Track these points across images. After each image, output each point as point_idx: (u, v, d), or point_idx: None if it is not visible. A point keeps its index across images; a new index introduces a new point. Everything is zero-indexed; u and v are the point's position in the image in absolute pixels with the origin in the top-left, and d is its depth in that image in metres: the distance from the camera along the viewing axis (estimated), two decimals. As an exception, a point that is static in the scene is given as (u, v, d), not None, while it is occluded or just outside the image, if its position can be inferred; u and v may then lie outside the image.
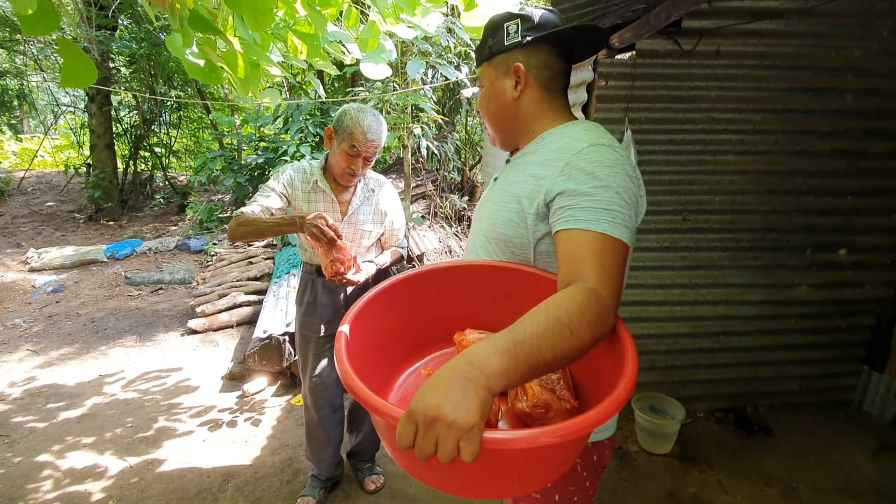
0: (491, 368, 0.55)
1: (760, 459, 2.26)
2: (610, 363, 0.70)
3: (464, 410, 0.51)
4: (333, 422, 1.96)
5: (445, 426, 0.51)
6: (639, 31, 1.78)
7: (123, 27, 7.60)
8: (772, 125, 2.27)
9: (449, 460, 0.51)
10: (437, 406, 0.51)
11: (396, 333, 0.91)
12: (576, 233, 0.76)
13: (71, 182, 8.83)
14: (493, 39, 0.94)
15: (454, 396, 0.52)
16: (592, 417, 0.55)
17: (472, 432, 0.51)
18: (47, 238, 6.68)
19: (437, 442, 0.51)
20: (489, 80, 0.97)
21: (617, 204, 0.76)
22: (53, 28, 1.13)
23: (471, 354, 0.57)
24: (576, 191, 0.78)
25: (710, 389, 2.57)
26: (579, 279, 0.71)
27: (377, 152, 1.68)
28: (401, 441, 0.53)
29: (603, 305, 0.67)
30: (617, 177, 0.79)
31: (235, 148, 7.08)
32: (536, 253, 0.89)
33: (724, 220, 2.36)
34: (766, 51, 2.18)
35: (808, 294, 2.48)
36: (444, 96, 7.05)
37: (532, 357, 0.58)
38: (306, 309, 1.87)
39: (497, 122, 0.99)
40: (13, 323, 4.07)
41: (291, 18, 1.70)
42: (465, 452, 0.51)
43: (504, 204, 0.92)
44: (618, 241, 0.75)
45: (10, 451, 2.39)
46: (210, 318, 3.86)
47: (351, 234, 1.79)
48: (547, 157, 0.86)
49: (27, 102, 10.51)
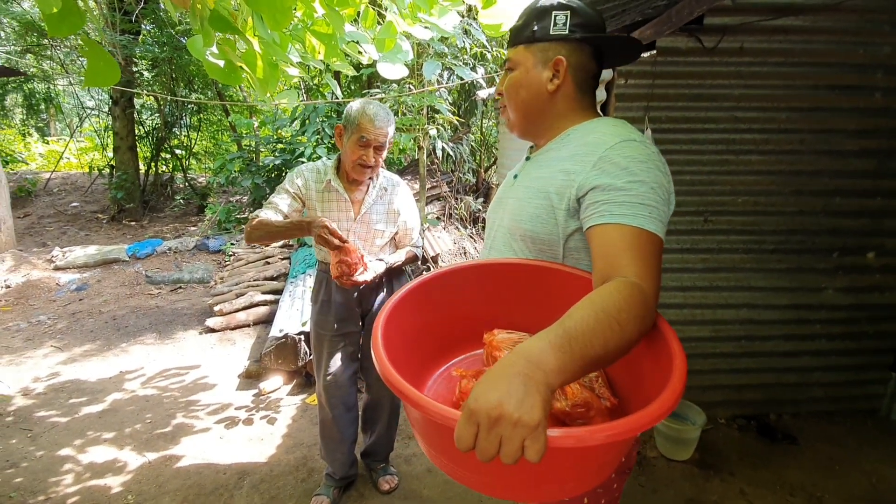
0: (549, 364, 0.54)
1: (784, 468, 2.19)
2: (650, 359, 0.68)
3: (528, 408, 0.49)
4: (347, 420, 1.96)
5: (510, 425, 0.48)
6: (660, 27, 1.75)
7: (146, 32, 7.78)
8: (797, 124, 2.21)
9: (513, 461, 0.49)
10: (499, 404, 0.49)
11: (425, 333, 0.88)
12: (612, 227, 0.75)
13: (95, 183, 9.06)
14: (539, 24, 0.90)
15: (517, 394, 0.49)
16: (654, 412, 0.53)
17: (538, 431, 0.48)
18: (72, 237, 6.86)
19: (501, 442, 0.49)
20: (524, 65, 0.93)
21: (652, 199, 0.76)
22: (78, 28, 1.15)
23: (526, 350, 0.55)
24: (610, 185, 0.77)
25: (732, 395, 2.51)
26: (619, 274, 0.70)
27: (387, 142, 1.69)
28: (461, 443, 0.50)
29: (646, 299, 0.67)
30: (651, 172, 0.78)
31: (253, 149, 7.17)
32: (566, 249, 0.88)
33: (747, 222, 2.30)
34: (792, 47, 2.12)
35: (835, 298, 2.41)
36: (459, 98, 7.05)
37: (586, 352, 0.57)
38: (321, 307, 1.88)
39: (524, 111, 0.96)
40: (38, 320, 4.18)
41: (310, 19, 1.71)
42: (531, 452, 0.48)
43: (530, 200, 0.90)
44: (654, 235, 0.75)
45: (32, 445, 2.45)
46: (227, 317, 3.91)
47: (363, 234, 1.79)
48: (576, 152, 0.85)
49: (54, 106, 10.84)
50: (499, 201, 1.06)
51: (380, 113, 1.65)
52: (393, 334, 0.77)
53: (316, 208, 1.77)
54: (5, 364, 3.38)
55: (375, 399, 2.02)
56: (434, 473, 2.20)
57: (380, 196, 1.81)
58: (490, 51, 5.02)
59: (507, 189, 1.04)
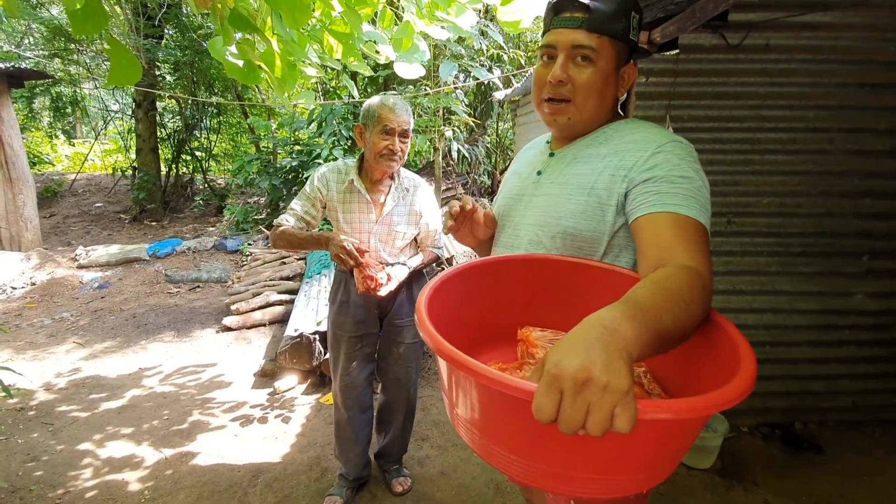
0: (626, 332, 0.50)
1: (810, 479, 2.12)
2: (706, 354, 0.66)
3: (616, 372, 0.45)
4: (362, 422, 1.95)
5: (599, 389, 0.44)
6: (683, 24, 1.71)
7: (169, 36, 7.95)
8: (826, 123, 2.14)
9: (602, 431, 0.44)
10: (584, 367, 0.45)
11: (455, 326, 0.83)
12: (665, 216, 0.76)
13: (118, 184, 9.28)
14: (625, 21, 0.85)
15: (601, 358, 0.45)
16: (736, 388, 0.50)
17: (629, 396, 0.45)
18: (95, 237, 7.02)
19: (590, 410, 0.45)
20: (608, 63, 0.86)
21: (701, 195, 0.79)
22: (102, 27, 1.17)
23: (599, 319, 0.51)
24: (663, 178, 0.80)
25: (756, 403, 2.43)
26: (675, 260, 0.70)
27: (409, 130, 1.70)
28: (541, 413, 0.46)
29: (706, 284, 0.67)
30: (699, 172, 0.82)
31: (271, 151, 7.26)
32: (609, 246, 0.87)
33: (772, 224, 2.24)
34: (820, 44, 2.06)
35: (865, 304, 2.32)
36: (475, 100, 7.04)
37: (657, 325, 0.54)
38: (339, 308, 1.86)
39: (599, 112, 0.91)
40: (62, 317, 4.27)
41: (328, 18, 1.72)
42: (622, 420, 0.44)
43: (570, 196, 0.89)
44: (704, 227, 0.77)
45: (53, 439, 2.49)
46: (244, 316, 3.95)
47: (384, 236, 1.78)
48: (620, 149, 0.86)
49: (80, 109, 11.13)
50: (516, 198, 1.02)
51: (398, 102, 1.69)
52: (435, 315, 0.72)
53: (337, 209, 1.76)
54: (29, 359, 3.46)
55: (391, 401, 2.01)
56: (447, 476, 2.17)
57: (402, 197, 1.79)
58: (507, 52, 5.00)
59: (526, 185, 1.01)
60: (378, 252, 1.78)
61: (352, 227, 1.76)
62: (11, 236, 5.91)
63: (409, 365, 1.92)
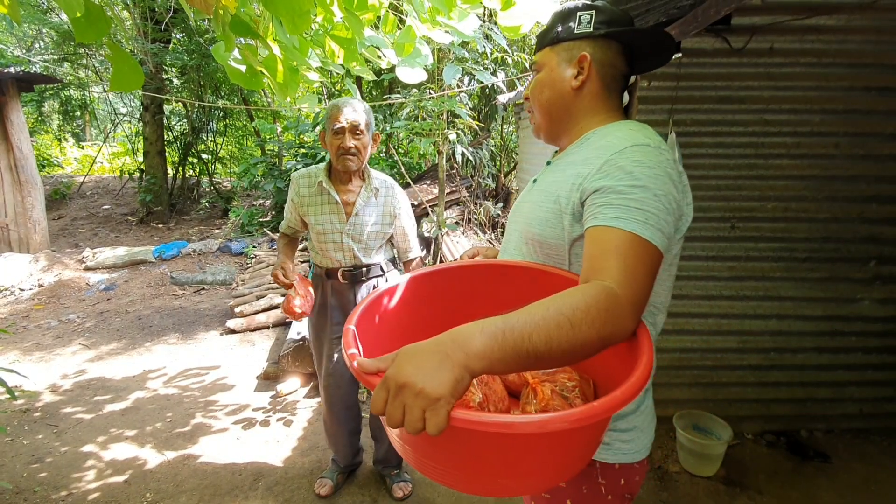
0: (473, 348, 0.55)
1: (816, 488, 2.09)
2: (625, 370, 0.65)
3: (434, 381, 0.51)
4: (348, 417, 2.03)
5: (413, 394, 0.51)
6: (685, 28, 1.70)
7: (176, 40, 8.02)
8: (832, 127, 2.12)
9: (414, 430, 0.51)
10: (409, 374, 0.52)
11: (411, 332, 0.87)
12: (602, 230, 0.72)
13: (125, 187, 9.36)
14: (563, 26, 0.90)
15: (428, 368, 0.52)
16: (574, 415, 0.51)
17: (439, 404, 0.50)
18: (102, 239, 7.08)
19: (404, 410, 0.51)
20: (549, 66, 0.92)
21: (653, 206, 0.71)
22: (104, 34, 1.18)
23: (456, 332, 0.57)
24: (610, 188, 0.74)
25: (760, 410, 2.41)
26: (598, 277, 0.67)
27: (362, 126, 1.73)
28: (373, 406, 0.54)
29: (615, 304, 0.63)
30: (658, 179, 0.74)
31: (276, 154, 7.30)
32: (572, 255, 0.85)
33: (777, 228, 2.21)
34: (825, 48, 2.04)
35: (872, 310, 2.29)
36: (479, 103, 7.04)
37: (521, 345, 0.56)
38: (319, 310, 1.92)
39: (548, 111, 0.94)
40: (68, 318, 4.31)
41: (329, 23, 1.72)
42: (430, 423, 0.50)
43: (541, 204, 0.89)
44: (648, 242, 0.70)
45: (57, 441, 2.51)
46: (248, 319, 3.96)
47: (357, 235, 1.82)
48: (588, 156, 0.83)
49: (89, 112, 11.24)
50: (517, 205, 1.05)
51: (349, 101, 1.74)
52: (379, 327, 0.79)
53: (308, 213, 1.82)
54: (36, 361, 3.49)
55: None
56: (449, 481, 2.17)
57: (372, 197, 1.83)
58: (511, 55, 5.00)
59: (525, 193, 1.02)
60: (353, 251, 1.82)
61: (324, 227, 1.81)
62: (20, 238, 5.97)
63: None
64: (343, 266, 1.84)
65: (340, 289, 1.86)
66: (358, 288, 1.86)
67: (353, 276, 1.84)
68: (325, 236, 1.80)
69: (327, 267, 1.86)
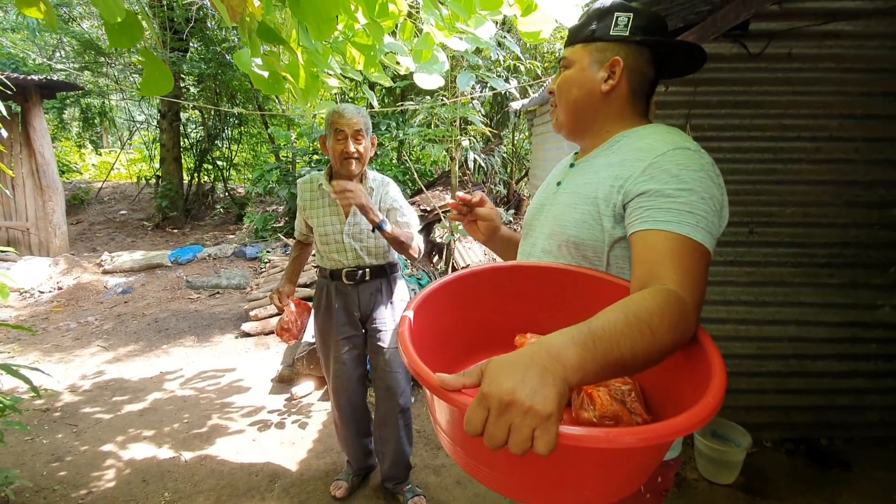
0: (568, 359, 0.52)
1: (837, 496, 2.05)
2: (688, 376, 0.65)
3: (542, 397, 0.47)
4: (356, 419, 2.03)
5: (521, 412, 0.47)
6: (703, 33, 1.71)
7: (194, 49, 8.19)
8: (851, 132, 2.11)
9: (521, 451, 0.47)
10: (512, 390, 0.48)
11: (451, 333, 0.87)
12: (654, 233, 0.72)
13: (142, 192, 9.53)
14: (599, 24, 0.89)
15: (531, 382, 0.48)
16: (680, 423, 0.51)
17: (550, 421, 0.47)
18: (119, 243, 7.21)
19: (511, 430, 0.48)
20: (580, 64, 0.92)
21: (701, 208, 0.73)
22: (137, 41, 1.22)
23: (546, 343, 0.53)
24: (658, 192, 0.74)
25: (779, 417, 2.38)
26: (657, 281, 0.67)
27: (363, 130, 1.77)
28: (469, 426, 0.49)
29: (684, 308, 0.63)
30: (703, 182, 0.75)
31: (290, 160, 7.39)
32: (610, 257, 0.85)
33: (796, 234, 2.20)
34: (844, 53, 2.04)
35: (893, 316, 2.26)
36: (492, 110, 7.08)
37: (610, 353, 0.54)
38: (323, 313, 1.94)
39: (574, 111, 0.94)
40: (87, 320, 4.38)
41: (350, 30, 1.76)
42: (541, 443, 0.47)
43: (575, 206, 0.88)
44: (700, 245, 0.71)
45: (77, 440, 2.55)
46: (262, 322, 4.00)
47: (357, 234, 1.84)
48: (625, 158, 0.83)
49: (107, 119, 11.49)
50: (539, 208, 1.04)
51: (348, 106, 1.78)
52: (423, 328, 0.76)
53: (311, 216, 1.87)
54: (56, 361, 3.55)
55: (383, 415, 1.99)
56: (463, 485, 2.16)
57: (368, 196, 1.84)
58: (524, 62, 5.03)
59: (548, 195, 1.02)
60: (355, 251, 1.85)
61: (325, 228, 1.84)
62: (41, 242, 6.10)
63: (395, 371, 1.94)
64: (346, 267, 1.87)
65: (344, 290, 1.89)
66: (362, 289, 1.89)
67: (356, 276, 1.87)
68: (328, 237, 1.85)
69: (331, 268, 1.90)
